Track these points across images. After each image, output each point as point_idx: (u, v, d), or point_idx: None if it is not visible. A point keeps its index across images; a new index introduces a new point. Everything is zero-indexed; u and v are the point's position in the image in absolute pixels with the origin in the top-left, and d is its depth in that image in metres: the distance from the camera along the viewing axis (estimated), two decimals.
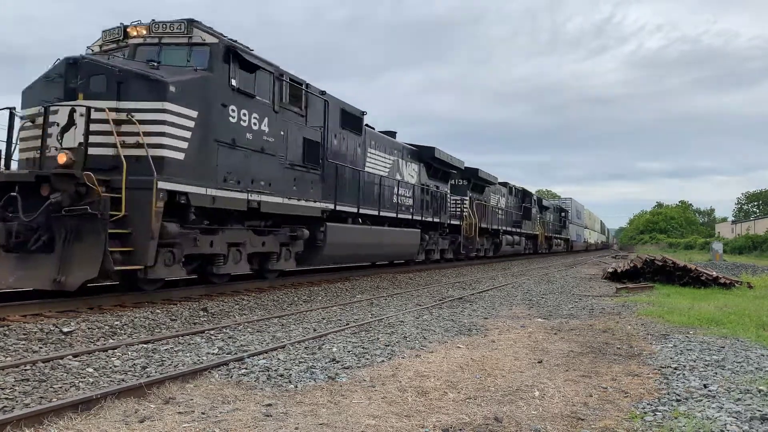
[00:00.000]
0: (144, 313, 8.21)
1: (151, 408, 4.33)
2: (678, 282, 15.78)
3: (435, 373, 5.53)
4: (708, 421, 4.17)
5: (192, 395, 4.69)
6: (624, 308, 10.88)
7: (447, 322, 8.82)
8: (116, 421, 4.02)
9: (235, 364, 5.73)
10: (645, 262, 17.37)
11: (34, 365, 5.43)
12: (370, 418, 4.20)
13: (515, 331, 8.03)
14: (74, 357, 5.81)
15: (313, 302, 11.06)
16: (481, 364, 5.96)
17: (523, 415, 4.34)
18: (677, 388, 5.11)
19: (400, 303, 11.25)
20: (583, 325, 8.75)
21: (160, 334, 7.27)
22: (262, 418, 4.15)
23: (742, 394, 4.91)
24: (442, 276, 18.85)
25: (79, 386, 4.91)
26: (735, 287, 15.10)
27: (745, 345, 7.23)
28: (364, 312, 9.85)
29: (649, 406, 4.58)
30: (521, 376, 5.54)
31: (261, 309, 9.87)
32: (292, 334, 7.53)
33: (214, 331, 7.63)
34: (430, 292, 13.45)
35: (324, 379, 5.28)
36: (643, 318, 9.52)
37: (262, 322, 8.42)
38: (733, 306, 11.12)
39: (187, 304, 9.24)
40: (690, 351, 6.80)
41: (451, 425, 4.07)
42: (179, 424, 3.99)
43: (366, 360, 6.08)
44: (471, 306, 10.96)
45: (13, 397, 4.52)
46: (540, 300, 12.28)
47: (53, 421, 3.94)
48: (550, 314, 10.01)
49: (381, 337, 7.34)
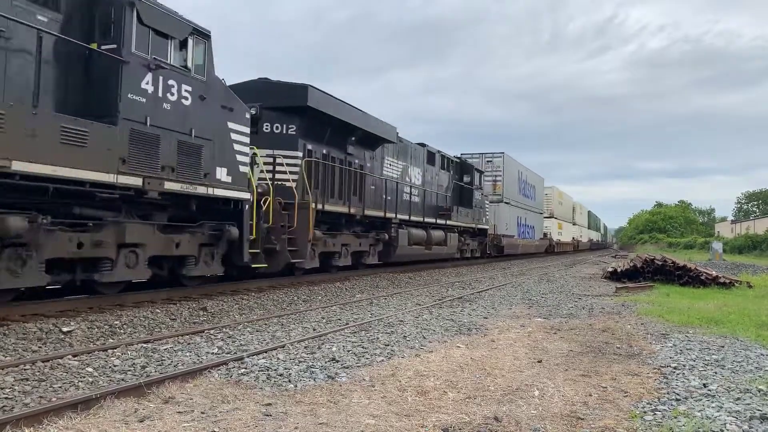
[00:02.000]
0: (144, 313, 8.21)
1: (151, 407, 4.33)
2: (678, 281, 15.78)
3: (435, 372, 5.53)
4: (707, 421, 4.17)
5: (191, 395, 4.68)
6: (624, 308, 10.88)
7: (446, 321, 8.83)
8: (116, 420, 4.02)
9: (234, 363, 5.73)
10: (645, 262, 17.38)
11: (34, 365, 5.43)
12: (370, 418, 4.19)
13: (515, 331, 8.03)
14: (74, 356, 5.81)
15: (312, 302, 11.06)
16: (480, 363, 5.96)
17: (523, 414, 4.33)
18: (677, 388, 5.12)
19: (399, 302, 11.25)
20: (583, 324, 8.75)
21: (160, 334, 7.27)
22: (262, 418, 4.15)
23: (742, 394, 4.91)
24: (442, 275, 18.85)
25: (79, 386, 4.91)
26: (735, 287, 15.10)
27: (744, 344, 7.23)
28: (364, 311, 9.85)
29: (649, 406, 4.58)
30: (521, 375, 5.54)
31: (260, 308, 9.87)
32: (292, 334, 7.53)
33: (213, 330, 7.63)
34: (429, 292, 13.45)
35: (323, 378, 5.28)
36: (643, 317, 9.53)
37: (261, 322, 8.42)
38: (733, 305, 11.12)
39: (186, 304, 9.24)
40: (690, 350, 6.80)
41: (450, 425, 4.07)
42: (179, 423, 3.99)
43: (366, 359, 6.08)
44: (471, 305, 10.96)
45: (12, 397, 4.52)
46: (540, 299, 12.28)
47: (53, 420, 3.94)
48: (550, 314, 10.01)
49: (381, 337, 7.34)
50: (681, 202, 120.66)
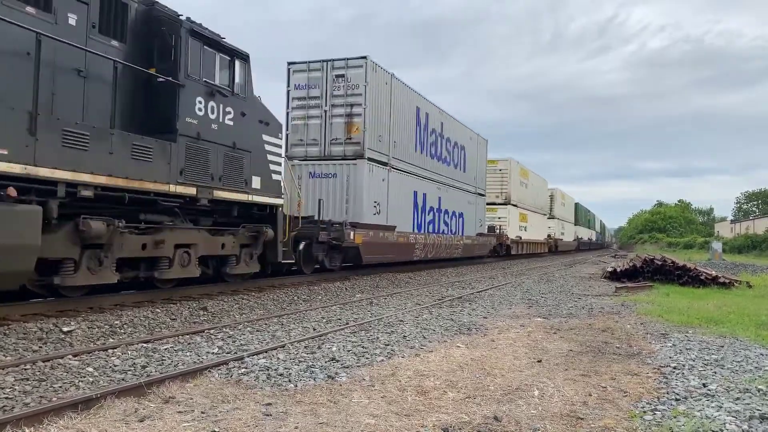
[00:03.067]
0: (144, 313, 8.21)
1: (151, 407, 4.34)
2: (677, 281, 15.80)
3: (434, 372, 5.53)
4: (707, 421, 4.17)
5: (192, 394, 4.69)
6: (623, 307, 10.89)
7: (446, 321, 8.83)
8: (116, 420, 4.02)
9: (234, 363, 5.73)
10: (644, 262, 17.39)
11: (34, 364, 5.43)
12: (370, 418, 4.20)
13: (515, 331, 8.04)
14: (74, 356, 5.82)
15: (312, 301, 11.07)
16: (480, 363, 5.96)
17: (523, 414, 4.34)
18: (676, 388, 5.12)
19: (399, 302, 11.26)
20: (583, 324, 8.75)
21: (160, 334, 7.27)
22: (262, 418, 4.15)
23: (741, 394, 4.92)
24: (442, 275, 18.85)
25: (79, 385, 4.91)
26: (734, 286, 15.11)
27: (744, 344, 7.24)
28: (364, 311, 9.86)
29: (649, 406, 4.59)
30: (521, 375, 5.55)
31: (261, 308, 9.87)
32: (292, 334, 7.54)
33: (213, 330, 7.63)
34: (429, 292, 13.46)
35: (324, 378, 5.28)
36: (643, 317, 9.53)
37: (261, 322, 8.42)
38: (733, 305, 11.12)
39: (187, 304, 9.25)
40: (689, 350, 6.81)
41: (450, 424, 4.08)
42: (179, 423, 3.99)
43: (366, 359, 6.08)
44: (470, 305, 10.97)
45: (12, 397, 4.53)
46: (539, 299, 12.28)
47: (53, 420, 3.94)
48: (550, 313, 10.01)
49: (380, 337, 7.35)
50: (681, 202, 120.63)
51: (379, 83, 16.52)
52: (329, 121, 15.90)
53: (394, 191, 17.48)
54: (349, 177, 15.62)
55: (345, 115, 15.78)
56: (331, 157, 15.87)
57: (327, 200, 15.45)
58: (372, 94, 15.91)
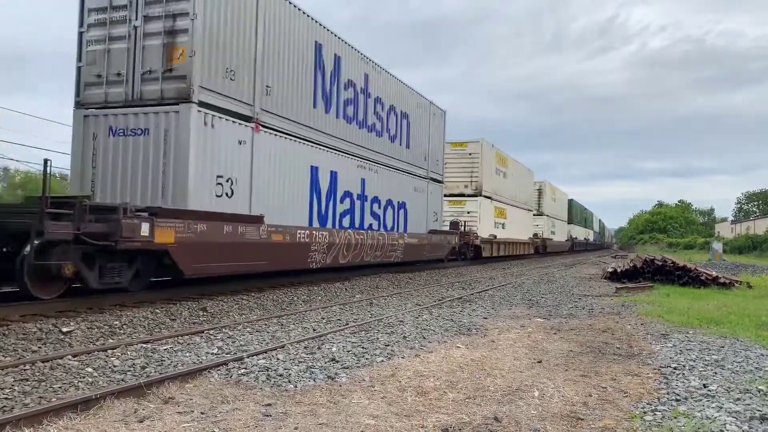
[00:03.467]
0: (143, 313, 8.21)
1: (151, 408, 4.33)
2: (678, 282, 15.79)
3: (434, 372, 5.53)
4: (707, 421, 4.17)
5: (191, 395, 4.68)
6: (624, 308, 10.88)
7: (446, 321, 8.82)
8: (115, 420, 4.02)
9: (234, 364, 5.73)
10: (645, 262, 17.38)
11: (34, 365, 5.43)
12: (370, 418, 4.19)
13: (515, 331, 8.03)
14: (73, 357, 5.81)
15: (312, 302, 11.06)
16: (480, 363, 5.96)
17: (523, 414, 4.33)
18: (677, 388, 5.11)
19: (399, 303, 11.25)
20: (583, 324, 8.75)
21: (160, 334, 7.26)
22: (262, 418, 4.15)
23: (742, 394, 4.91)
24: (442, 276, 18.84)
25: (79, 386, 4.90)
26: (735, 287, 15.11)
27: (744, 345, 7.23)
28: (364, 312, 9.85)
29: (649, 406, 4.58)
30: (521, 375, 5.54)
31: (260, 309, 9.87)
32: (292, 334, 7.53)
33: (213, 330, 7.63)
34: (429, 292, 13.45)
35: (323, 378, 5.28)
36: (643, 318, 9.52)
37: (261, 322, 8.42)
38: (733, 306, 11.12)
39: (186, 304, 9.24)
40: (690, 351, 6.80)
41: (450, 425, 4.07)
42: (178, 423, 3.98)
43: (365, 360, 6.08)
44: (470, 306, 10.96)
45: (12, 397, 4.52)
46: (539, 300, 12.27)
47: (52, 420, 3.94)
48: (550, 314, 10.00)
49: (380, 337, 7.34)
50: (681, 203, 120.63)
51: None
52: (140, 44, 9.98)
53: (268, 163, 11.58)
54: (167, 133, 9.67)
55: (164, 32, 9.81)
56: (142, 102, 9.91)
57: (135, 173, 9.83)
58: (214, 1, 10.01)
